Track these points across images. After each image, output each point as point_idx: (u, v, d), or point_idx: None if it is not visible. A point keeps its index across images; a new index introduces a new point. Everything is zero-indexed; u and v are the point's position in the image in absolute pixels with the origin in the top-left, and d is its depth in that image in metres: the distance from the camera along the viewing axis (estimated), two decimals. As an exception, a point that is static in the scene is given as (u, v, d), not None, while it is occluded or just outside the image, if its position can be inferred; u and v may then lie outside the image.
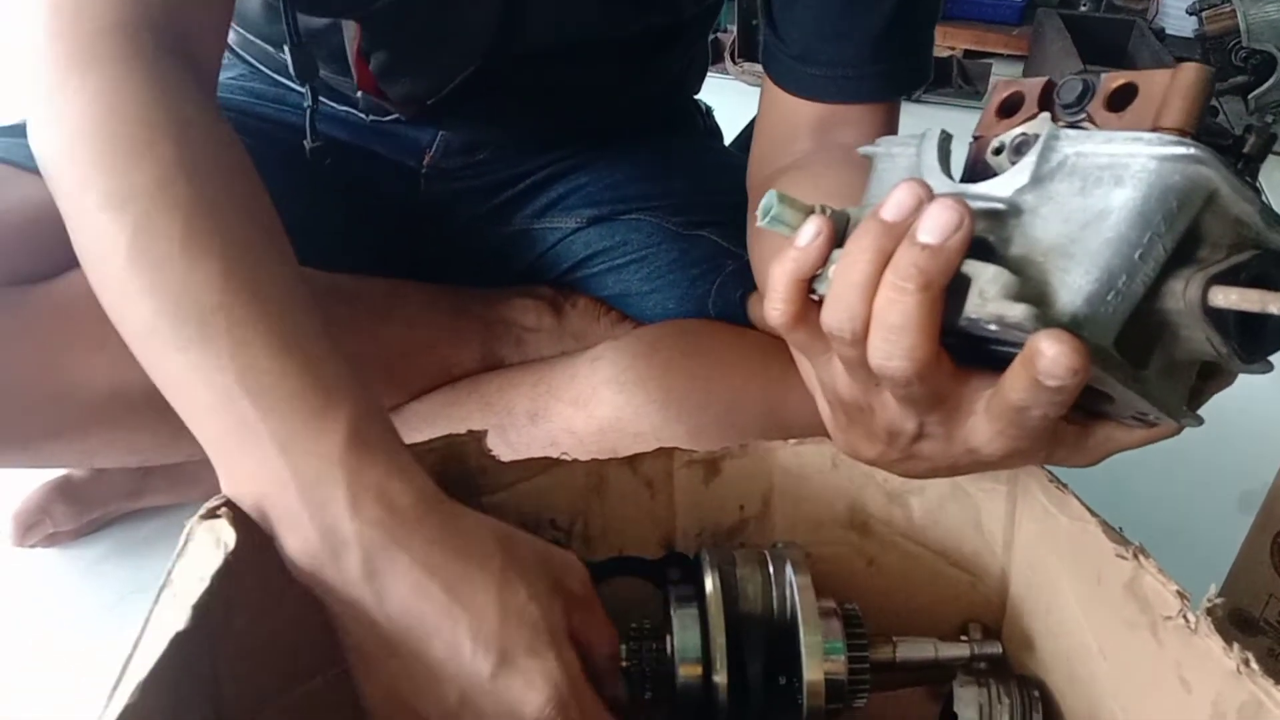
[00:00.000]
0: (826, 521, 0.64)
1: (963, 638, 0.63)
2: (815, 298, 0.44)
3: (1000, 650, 0.62)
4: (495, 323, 0.85)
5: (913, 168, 0.46)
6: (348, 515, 0.46)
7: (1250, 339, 0.39)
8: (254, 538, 0.48)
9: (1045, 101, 0.44)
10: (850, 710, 0.57)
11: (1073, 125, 0.42)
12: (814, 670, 0.54)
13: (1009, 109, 0.46)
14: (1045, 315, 0.38)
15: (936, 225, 0.38)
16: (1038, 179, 0.40)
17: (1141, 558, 0.51)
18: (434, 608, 0.46)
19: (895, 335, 0.40)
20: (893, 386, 0.43)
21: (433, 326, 0.83)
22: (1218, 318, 0.38)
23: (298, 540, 0.47)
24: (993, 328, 0.39)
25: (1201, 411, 0.44)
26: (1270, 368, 0.41)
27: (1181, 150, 0.36)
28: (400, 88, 0.78)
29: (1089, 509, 0.55)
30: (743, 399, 0.72)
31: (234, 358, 0.47)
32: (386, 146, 0.85)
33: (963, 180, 0.45)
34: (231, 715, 0.56)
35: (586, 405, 0.75)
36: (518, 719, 0.46)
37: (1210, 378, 0.44)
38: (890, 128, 0.73)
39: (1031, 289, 0.39)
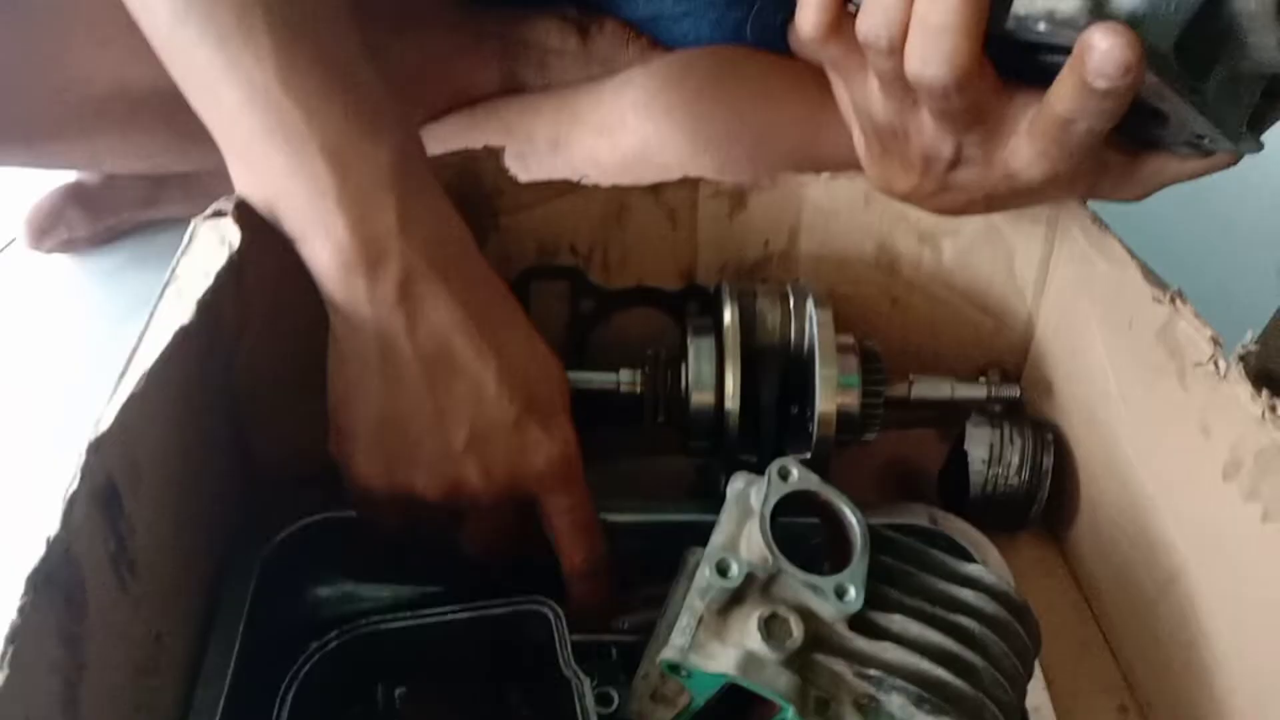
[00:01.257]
0: (853, 260, 0.62)
1: (981, 379, 0.62)
2: (851, 8, 0.41)
3: (1018, 394, 0.62)
4: (516, 43, 0.80)
5: None
6: (396, 231, 0.44)
7: None
8: (262, 241, 0.47)
9: None
10: (860, 444, 0.57)
11: None
12: (827, 401, 0.54)
13: None
14: (1101, 10, 0.34)
15: None
16: None
17: (1178, 302, 0.49)
18: (467, 344, 0.45)
19: (935, 37, 0.36)
20: (930, 100, 0.40)
21: (448, 45, 0.78)
22: None
23: (330, 247, 0.44)
24: (1042, 27, 0.35)
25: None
26: None
27: None
28: None
29: (1130, 251, 0.53)
30: (776, 131, 0.68)
31: (275, 57, 0.43)
32: None
33: None
34: (250, 426, 0.57)
35: (612, 133, 0.71)
36: (526, 467, 0.47)
37: (1275, 97, 0.40)
38: None
39: None
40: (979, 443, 0.60)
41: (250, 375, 0.53)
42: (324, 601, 0.51)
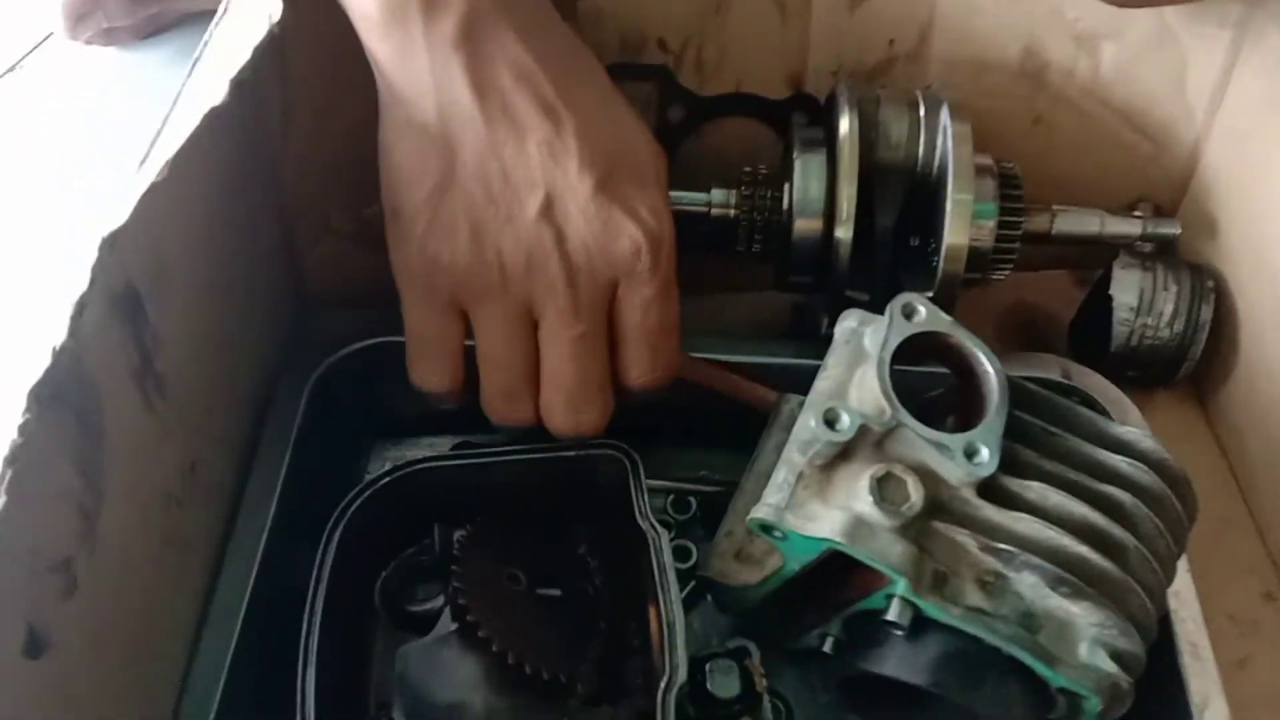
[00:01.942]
0: (993, 66, 0.53)
1: (1135, 213, 0.53)
2: None
3: (1178, 231, 0.53)
4: None
5: None
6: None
7: None
8: (311, 14, 0.40)
9: None
10: (986, 283, 0.50)
11: None
12: (958, 232, 0.46)
13: None
14: None
15: None
16: None
17: None
18: (538, 95, 0.38)
19: None
20: None
21: None
22: None
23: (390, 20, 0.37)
24: None
25: None
26: None
27: None
28: None
29: (1351, 56, 0.43)
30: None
31: None
32: None
33: None
34: (301, 225, 0.51)
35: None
36: (608, 244, 0.39)
37: None
38: None
39: None
40: (1127, 288, 0.51)
41: (300, 174, 0.47)
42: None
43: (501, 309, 0.40)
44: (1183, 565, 0.42)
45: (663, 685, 0.36)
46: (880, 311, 0.38)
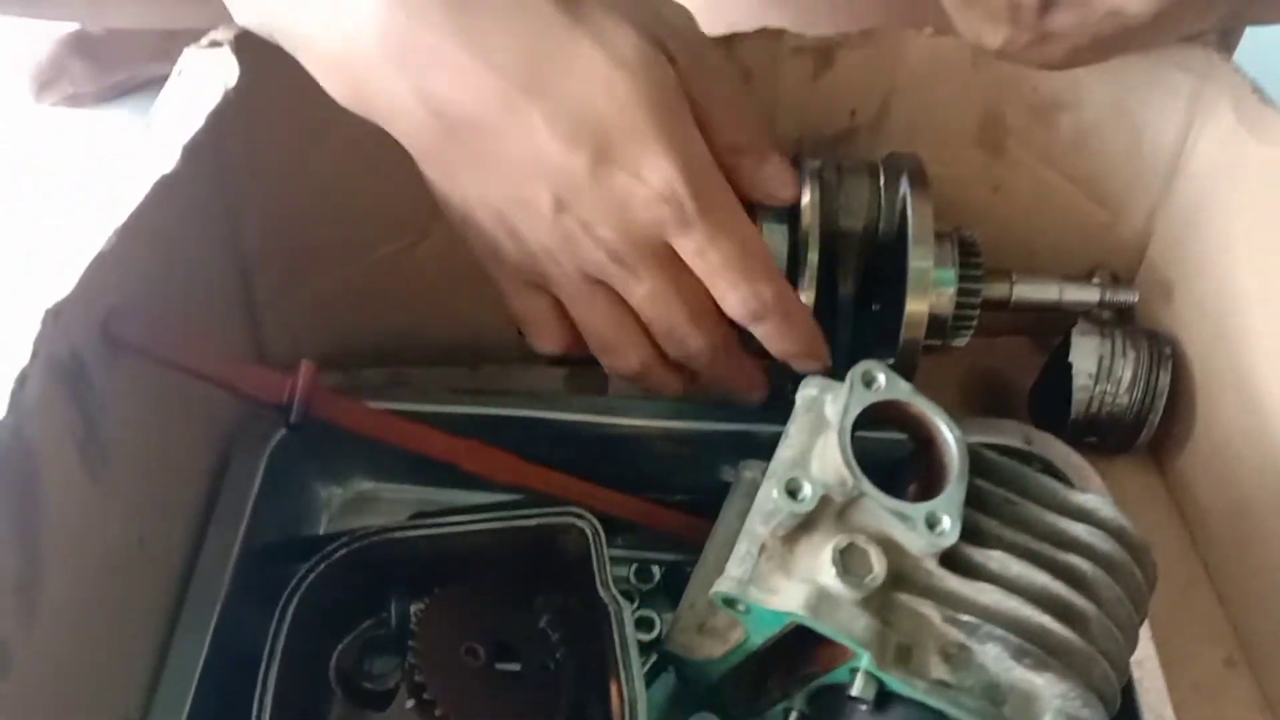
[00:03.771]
0: (953, 135, 0.53)
1: (1093, 281, 0.54)
2: None
3: (1135, 299, 0.54)
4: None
5: None
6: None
7: None
8: (277, 77, 0.39)
9: None
10: (947, 349, 0.50)
11: None
12: (918, 299, 0.46)
13: None
14: None
15: None
16: None
17: (1359, 190, 0.41)
18: (494, 105, 0.36)
19: None
20: None
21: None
22: None
23: (322, 46, 0.37)
24: None
25: None
26: None
27: None
28: None
29: (1298, 128, 0.44)
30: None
31: None
32: None
33: None
34: (261, 293, 0.51)
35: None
36: (631, 218, 0.38)
37: None
38: None
39: None
40: (1086, 355, 0.52)
41: (264, 239, 0.47)
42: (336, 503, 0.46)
43: (569, 286, 0.41)
44: (1145, 633, 0.42)
45: (624, 763, 0.35)
46: (843, 378, 0.38)
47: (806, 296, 0.46)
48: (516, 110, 0.36)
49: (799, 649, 0.36)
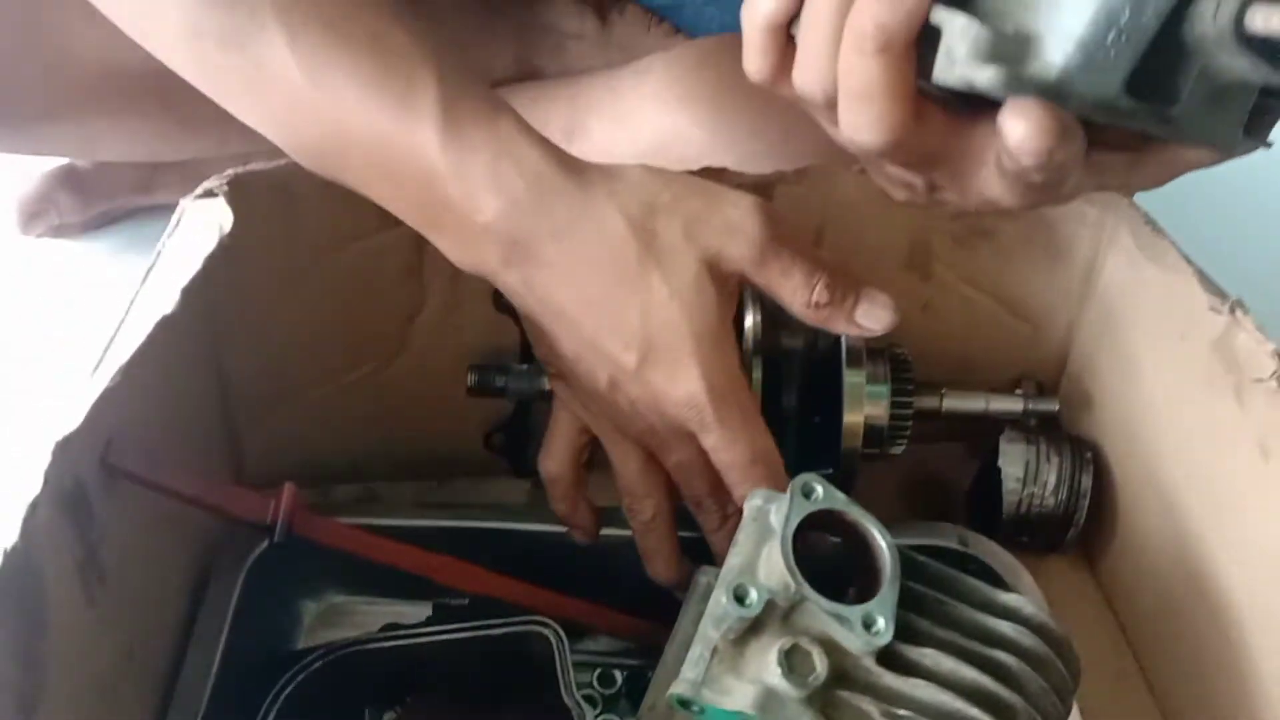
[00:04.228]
0: (884, 260, 0.58)
1: (1016, 391, 0.58)
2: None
3: (1056, 408, 0.58)
4: (533, 26, 0.77)
5: None
6: (469, 211, 0.41)
7: None
8: (262, 221, 0.43)
9: None
10: (886, 457, 0.54)
11: None
12: (854, 412, 0.50)
13: None
14: (1027, 73, 0.31)
15: None
16: None
17: (1238, 312, 0.46)
18: (574, 305, 0.43)
19: (860, 103, 0.34)
20: (876, 156, 0.38)
21: (462, 26, 0.74)
22: (1260, 44, 0.30)
23: (442, 239, 0.44)
24: (966, 89, 0.32)
25: None
26: None
27: None
28: None
29: (1185, 257, 0.49)
30: (800, 125, 0.64)
31: (294, 48, 0.39)
32: None
33: None
34: (242, 416, 0.54)
35: (628, 124, 0.68)
36: (665, 409, 0.44)
37: (1274, 95, 0.36)
38: None
39: (1013, 37, 0.31)
40: (1014, 460, 0.56)
41: (246, 367, 0.50)
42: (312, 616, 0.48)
43: (611, 436, 0.47)
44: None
45: None
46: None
47: (752, 410, 0.50)
48: (593, 316, 0.43)
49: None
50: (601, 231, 0.43)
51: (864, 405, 0.50)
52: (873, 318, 0.46)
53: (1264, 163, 0.43)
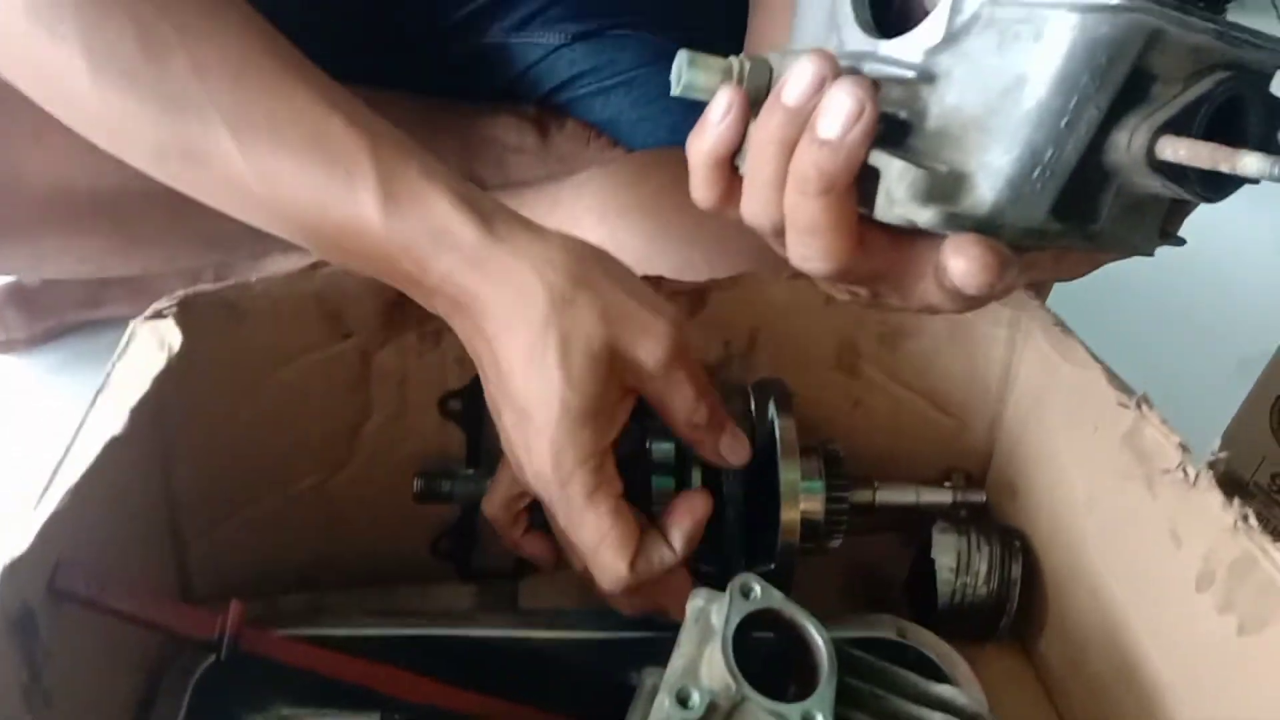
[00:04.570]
0: (814, 361, 0.61)
1: (946, 484, 0.61)
2: (742, 174, 0.40)
3: (984, 499, 0.60)
4: (475, 141, 0.80)
5: (829, 9, 0.40)
6: (419, 276, 0.45)
7: (1214, 177, 0.33)
8: (209, 340, 0.45)
9: None
10: (824, 551, 0.56)
11: None
12: (790, 508, 0.52)
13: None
14: (961, 209, 0.34)
15: (836, 116, 0.34)
16: (951, 36, 0.34)
17: (1144, 407, 0.49)
18: (490, 360, 0.46)
19: (807, 237, 0.37)
20: (824, 278, 0.41)
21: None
22: (1170, 168, 0.33)
23: (408, 292, 0.47)
24: (907, 225, 0.35)
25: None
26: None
27: None
28: None
29: (1093, 355, 0.52)
30: (734, 234, 0.67)
31: (245, 157, 0.43)
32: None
33: (893, 14, 0.40)
34: (190, 529, 0.54)
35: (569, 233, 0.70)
36: (527, 474, 0.47)
37: (1182, 202, 0.39)
38: None
39: (947, 177, 0.34)
40: (946, 550, 0.58)
41: (194, 483, 0.51)
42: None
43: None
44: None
45: None
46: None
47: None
48: (499, 370, 0.46)
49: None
50: (522, 295, 0.45)
51: (800, 501, 0.52)
52: (733, 451, 0.50)
53: (1166, 264, 0.46)
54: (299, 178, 0.44)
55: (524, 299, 0.44)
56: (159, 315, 0.45)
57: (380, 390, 0.56)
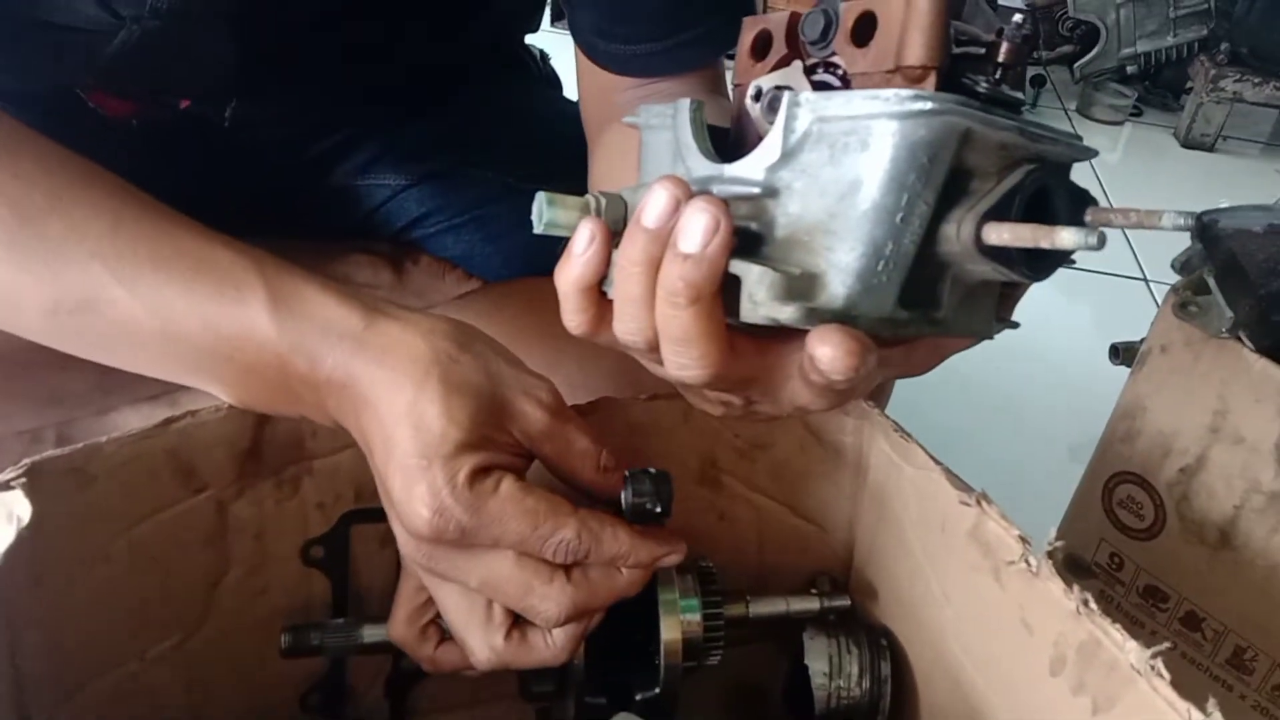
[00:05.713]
0: (679, 477, 0.62)
1: (812, 590, 0.63)
2: (611, 298, 0.42)
3: (849, 602, 0.63)
4: (329, 279, 0.79)
5: (673, 143, 0.43)
6: (311, 372, 0.47)
7: (1036, 257, 0.37)
8: (55, 508, 0.43)
9: (793, 39, 0.42)
10: (704, 667, 0.56)
11: (823, 63, 0.40)
12: (671, 629, 0.53)
13: (761, 49, 0.43)
14: (819, 304, 0.37)
15: (695, 231, 0.37)
16: (788, 153, 0.38)
17: (984, 504, 0.52)
18: (374, 425, 0.46)
19: (681, 347, 0.39)
20: (698, 387, 0.43)
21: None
22: (997, 252, 0.37)
23: (301, 409, 0.50)
24: (771, 324, 0.38)
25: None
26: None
27: (920, 105, 0.34)
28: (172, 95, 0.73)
29: (933, 457, 0.56)
30: (594, 357, 0.69)
31: (134, 295, 0.46)
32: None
33: (730, 140, 0.44)
34: (37, 707, 0.50)
35: (428, 366, 0.71)
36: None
37: (1013, 285, 0.43)
38: (715, 85, 0.71)
39: (801, 277, 0.37)
40: (818, 656, 0.60)
41: (42, 657, 0.48)
42: None
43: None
44: None
45: None
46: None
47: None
48: (383, 430, 0.46)
49: None
50: (408, 358, 0.46)
51: (680, 622, 0.53)
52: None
53: (993, 357, 0.50)
54: (189, 303, 0.46)
55: (410, 361, 0.46)
56: (6, 486, 0.43)
57: (238, 542, 0.55)
